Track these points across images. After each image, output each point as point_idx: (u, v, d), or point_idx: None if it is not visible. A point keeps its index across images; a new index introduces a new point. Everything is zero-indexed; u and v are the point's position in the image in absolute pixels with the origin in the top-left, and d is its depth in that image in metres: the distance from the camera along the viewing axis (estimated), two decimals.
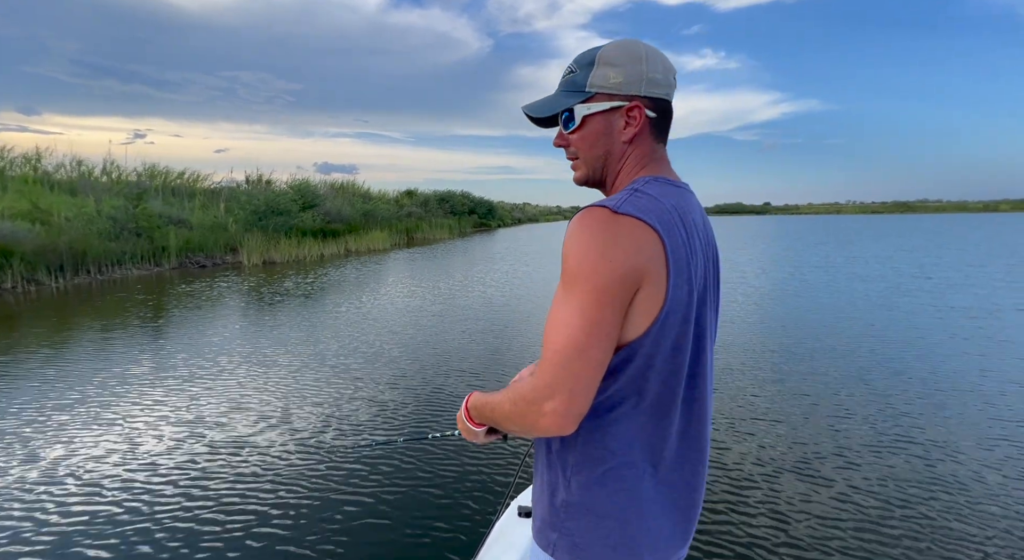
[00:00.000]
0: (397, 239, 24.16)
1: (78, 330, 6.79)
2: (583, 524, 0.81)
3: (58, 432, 3.64)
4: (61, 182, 16.23)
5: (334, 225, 20.59)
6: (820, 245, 20.95)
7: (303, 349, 5.79)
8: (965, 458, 3.16)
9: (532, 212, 67.04)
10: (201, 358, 5.46)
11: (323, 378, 4.84)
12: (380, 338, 6.28)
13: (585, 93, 0.84)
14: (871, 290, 9.49)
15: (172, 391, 4.57)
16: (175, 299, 9.24)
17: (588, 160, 0.88)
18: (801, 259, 15.37)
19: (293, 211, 18.62)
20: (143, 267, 13.05)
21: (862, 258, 15.31)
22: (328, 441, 3.47)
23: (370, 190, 29.95)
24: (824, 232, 31.63)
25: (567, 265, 0.74)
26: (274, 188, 21.07)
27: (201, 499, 2.79)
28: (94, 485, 2.95)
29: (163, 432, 3.69)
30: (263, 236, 16.46)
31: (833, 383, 4.53)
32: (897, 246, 19.70)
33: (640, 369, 0.76)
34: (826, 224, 46.79)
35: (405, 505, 2.68)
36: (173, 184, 20.72)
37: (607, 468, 0.80)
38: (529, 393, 0.75)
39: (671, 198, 0.79)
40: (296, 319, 7.40)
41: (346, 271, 13.31)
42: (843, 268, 12.89)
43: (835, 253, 17.09)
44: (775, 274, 12.01)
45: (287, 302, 8.86)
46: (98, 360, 5.40)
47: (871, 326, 6.64)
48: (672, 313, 0.75)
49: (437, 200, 35.17)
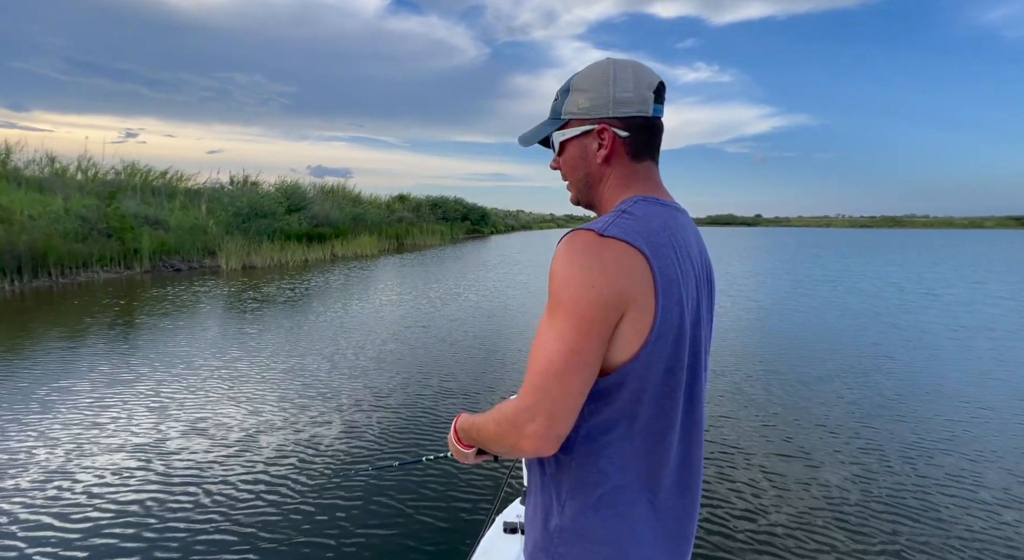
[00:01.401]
0: (386, 244, 23.48)
1: (21, 337, 6.07)
2: (576, 550, 0.80)
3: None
4: (31, 179, 15.37)
5: (321, 229, 19.89)
6: (816, 258, 20.65)
7: (275, 363, 5.15)
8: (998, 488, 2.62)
9: (526, 219, 66.64)
10: (158, 371, 4.80)
11: (300, 396, 4.26)
12: (361, 352, 5.65)
13: (560, 120, 0.88)
14: (878, 307, 9.01)
15: (119, 407, 4.05)
16: (139, 305, 8.50)
17: (573, 183, 0.91)
18: (800, 272, 14.94)
19: (278, 214, 17.89)
20: (112, 270, 12.26)
21: (860, 272, 14.92)
22: (314, 462, 3.31)
23: (361, 194, 29.28)
24: (817, 245, 31.50)
25: (551, 290, 0.75)
26: (259, 190, 20.29)
27: (158, 530, 2.56)
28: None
29: (108, 457, 3.28)
30: (244, 239, 15.71)
31: (852, 413, 3.98)
32: (893, 261, 19.44)
33: (633, 393, 0.76)
34: (818, 237, 46.91)
35: (391, 523, 2.64)
36: (155, 183, 19.91)
37: (601, 493, 0.79)
38: (511, 415, 0.76)
39: (659, 218, 0.79)
40: (271, 329, 6.73)
41: (330, 277, 12.62)
42: (844, 283, 12.46)
43: (833, 267, 16.72)
44: (775, 288, 11.53)
45: (264, 310, 8.18)
46: (39, 372, 4.72)
47: (881, 346, 6.12)
48: (662, 336, 0.74)
49: (429, 205, 34.56)
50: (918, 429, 3.84)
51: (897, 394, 4.59)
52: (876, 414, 4.12)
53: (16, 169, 16.10)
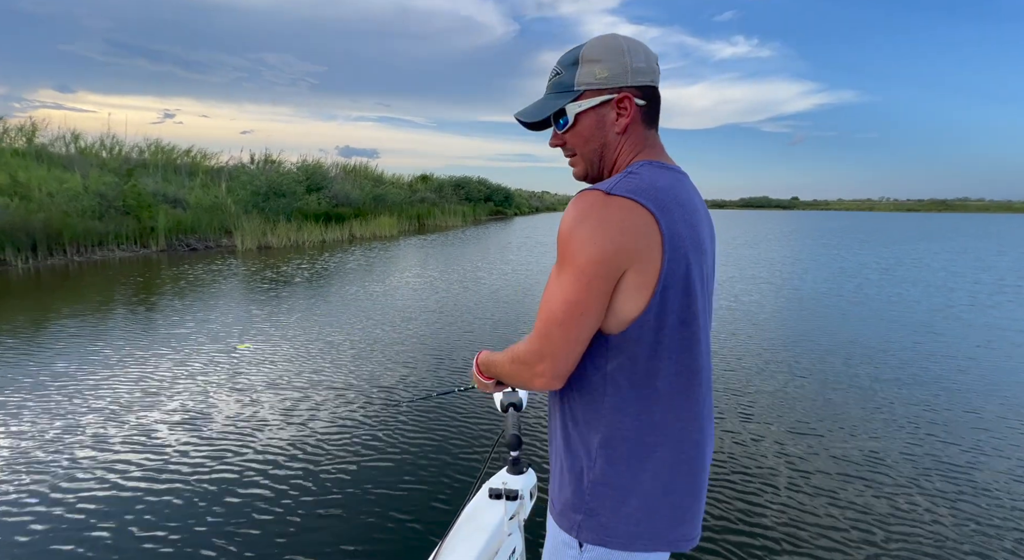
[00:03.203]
0: (407, 225, 23.09)
1: (28, 314, 5.83)
2: (608, 503, 0.83)
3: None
4: (55, 156, 15.44)
5: (340, 209, 19.59)
6: (864, 243, 19.21)
7: (286, 341, 4.74)
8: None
9: (550, 201, 65.49)
10: (155, 348, 4.46)
11: (314, 372, 3.83)
12: (368, 342, 5.19)
13: (574, 92, 0.87)
14: (945, 300, 8.03)
15: (147, 375, 3.95)
16: (157, 283, 8.27)
17: (585, 155, 0.91)
18: (849, 259, 13.78)
19: (298, 193, 17.62)
20: (128, 248, 12.18)
21: (916, 259, 13.66)
22: (310, 420, 3.57)
23: (383, 174, 28.92)
24: (861, 229, 29.61)
25: (558, 245, 0.79)
26: (280, 169, 20.06)
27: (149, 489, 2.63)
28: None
29: (152, 415, 3.31)
30: (261, 219, 15.49)
31: (922, 437, 3.26)
32: (949, 248, 17.88)
33: (651, 346, 0.79)
34: (861, 221, 44.39)
35: (384, 484, 2.76)
36: (178, 162, 19.93)
37: (630, 447, 0.82)
38: (522, 355, 0.85)
39: (664, 179, 0.81)
40: (282, 310, 6.35)
41: (345, 259, 12.23)
42: (899, 271, 11.33)
43: (885, 253, 15.41)
44: (821, 276, 10.54)
45: (277, 290, 7.82)
46: (42, 351, 4.43)
47: (955, 344, 5.28)
48: (670, 287, 0.77)
49: (452, 186, 34.01)
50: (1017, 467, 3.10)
51: (994, 413, 3.82)
52: (956, 441, 3.39)
53: (42, 146, 16.25)
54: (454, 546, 1.27)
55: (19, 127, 16.47)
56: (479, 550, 1.25)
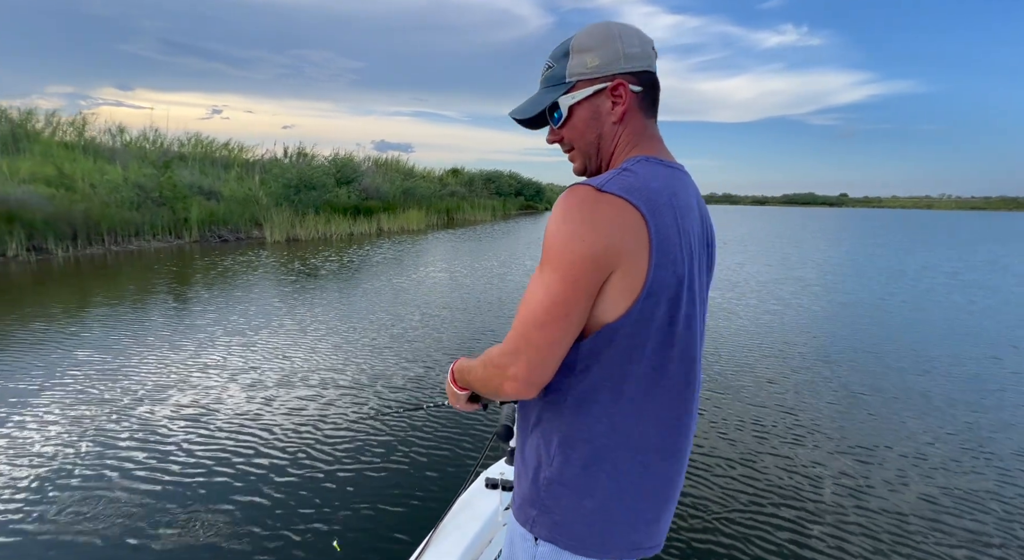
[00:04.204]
0: (435, 219, 23.08)
1: (65, 303, 6.00)
2: (564, 502, 0.82)
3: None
4: (100, 149, 16.08)
5: (370, 202, 19.71)
6: (925, 244, 17.94)
7: (310, 330, 4.67)
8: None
9: None
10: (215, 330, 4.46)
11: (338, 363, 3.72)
12: (388, 336, 5.06)
13: (566, 84, 0.84)
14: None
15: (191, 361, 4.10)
16: (192, 272, 8.43)
17: (582, 148, 0.87)
18: (911, 261, 12.83)
19: (328, 186, 17.80)
20: (163, 239, 12.54)
21: (986, 264, 12.58)
22: (317, 414, 3.59)
23: (415, 167, 29.04)
24: (923, 228, 27.79)
25: (544, 241, 0.75)
26: (313, 162, 20.34)
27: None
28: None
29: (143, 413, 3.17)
30: (291, 212, 15.72)
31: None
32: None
33: (623, 352, 0.76)
34: (921, 219, 41.80)
35: (380, 472, 2.81)
36: (216, 155, 20.49)
37: (590, 450, 0.80)
38: (496, 358, 0.79)
39: (660, 179, 0.78)
40: (304, 301, 6.32)
41: (372, 252, 12.23)
42: (971, 277, 10.41)
43: (950, 255, 14.29)
44: (879, 279, 9.78)
45: (304, 282, 7.82)
46: (73, 337, 4.50)
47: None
48: (654, 294, 0.74)
49: (483, 180, 33.88)
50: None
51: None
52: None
53: (90, 139, 16.97)
54: (447, 533, 1.29)
55: (71, 121, 17.27)
56: (472, 538, 1.26)
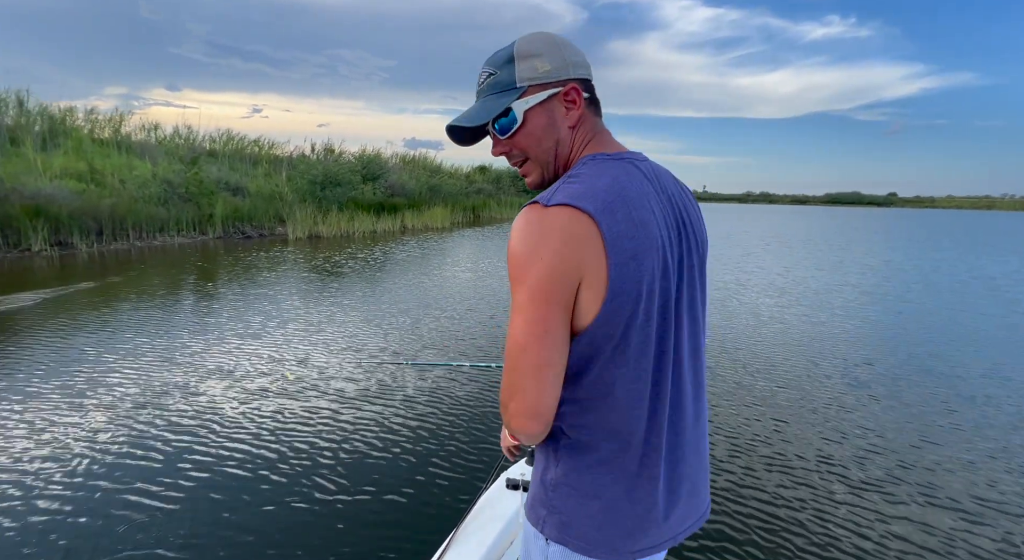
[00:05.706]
0: (461, 217, 22.79)
1: (90, 296, 5.90)
2: (571, 503, 0.82)
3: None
4: (134, 145, 16.42)
5: (395, 199, 19.56)
6: (989, 248, 16.48)
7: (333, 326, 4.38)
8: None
9: None
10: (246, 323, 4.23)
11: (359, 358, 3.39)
12: (405, 336, 4.70)
13: (518, 89, 0.82)
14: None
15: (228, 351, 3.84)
16: (218, 268, 8.33)
17: (539, 158, 0.85)
18: (983, 269, 11.68)
19: (353, 182, 17.72)
20: (187, 235, 12.61)
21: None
22: (332, 407, 3.73)
23: (442, 164, 28.86)
24: (987, 231, 25.79)
25: (508, 268, 0.75)
26: (340, 159, 20.34)
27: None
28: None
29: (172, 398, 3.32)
30: (314, 208, 15.66)
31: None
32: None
33: (607, 355, 0.75)
34: (982, 222, 39.08)
35: (402, 471, 2.80)
36: (246, 151, 20.76)
37: (592, 452, 0.80)
38: (501, 396, 0.77)
39: (607, 174, 0.76)
40: (322, 299, 6.05)
41: (395, 249, 11.96)
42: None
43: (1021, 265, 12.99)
44: (943, 288, 8.86)
45: (321, 282, 7.58)
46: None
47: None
48: (621, 293, 0.72)
49: (511, 177, 33.42)
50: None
51: None
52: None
53: (125, 136, 17.38)
54: (469, 534, 1.30)
55: (108, 119, 17.74)
56: (493, 538, 1.27)
